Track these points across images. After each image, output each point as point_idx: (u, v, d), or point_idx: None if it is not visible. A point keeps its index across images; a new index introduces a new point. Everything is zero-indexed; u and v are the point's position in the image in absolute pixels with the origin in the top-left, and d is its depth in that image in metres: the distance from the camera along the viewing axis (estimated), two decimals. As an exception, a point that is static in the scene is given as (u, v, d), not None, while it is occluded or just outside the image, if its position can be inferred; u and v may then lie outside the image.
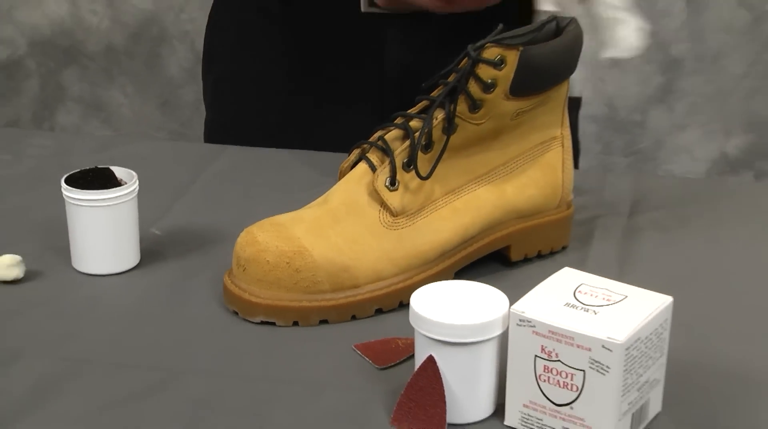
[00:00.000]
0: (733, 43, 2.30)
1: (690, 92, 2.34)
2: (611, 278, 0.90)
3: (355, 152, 1.09)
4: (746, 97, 2.33)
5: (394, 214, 1.04)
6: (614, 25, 1.29)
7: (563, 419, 0.83)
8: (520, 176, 1.12)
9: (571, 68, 1.11)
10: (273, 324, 1.02)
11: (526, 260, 1.15)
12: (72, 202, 1.10)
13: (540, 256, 1.16)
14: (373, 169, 1.05)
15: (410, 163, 1.05)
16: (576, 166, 1.26)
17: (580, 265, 0.98)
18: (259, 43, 1.32)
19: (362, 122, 1.31)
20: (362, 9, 1.34)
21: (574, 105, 1.35)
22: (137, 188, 1.11)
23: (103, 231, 1.11)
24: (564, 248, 1.18)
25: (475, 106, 1.04)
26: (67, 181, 1.10)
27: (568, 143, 1.16)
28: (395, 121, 1.08)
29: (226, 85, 1.61)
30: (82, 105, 2.52)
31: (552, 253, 1.17)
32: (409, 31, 1.42)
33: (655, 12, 2.29)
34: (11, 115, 2.54)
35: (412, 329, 0.87)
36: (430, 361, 0.87)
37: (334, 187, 1.08)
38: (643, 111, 2.36)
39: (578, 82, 1.92)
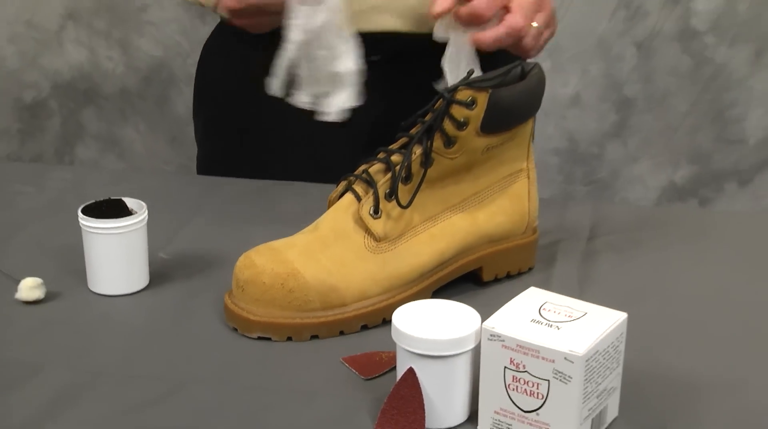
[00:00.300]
0: (678, 84, 2.30)
1: (641, 128, 2.34)
2: (572, 297, 0.89)
3: (343, 184, 1.08)
4: (690, 132, 2.33)
5: (377, 240, 1.04)
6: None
7: (530, 424, 0.82)
8: (490, 205, 1.11)
9: (535, 108, 1.11)
10: (269, 339, 1.01)
11: (497, 280, 1.14)
12: (88, 229, 1.09)
13: (509, 277, 1.15)
14: (359, 199, 1.05)
15: (392, 194, 1.04)
16: None
17: (545, 285, 0.97)
18: (241, 89, 1.32)
19: (334, 158, 1.34)
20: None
21: None
22: (146, 217, 1.11)
23: (115, 256, 1.10)
24: (530, 269, 1.17)
25: (449, 142, 1.04)
26: (83, 211, 1.09)
27: (533, 175, 1.15)
28: (378, 156, 1.07)
29: (213, 125, 1.61)
30: (99, 141, 2.52)
31: (519, 274, 1.16)
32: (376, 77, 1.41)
33: (611, 57, 2.29)
34: (36, 150, 2.53)
35: (394, 344, 0.87)
36: (410, 372, 0.86)
37: (324, 215, 1.07)
38: (600, 145, 2.37)
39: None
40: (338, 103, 1.24)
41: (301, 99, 1.24)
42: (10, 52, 2.46)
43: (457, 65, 1.28)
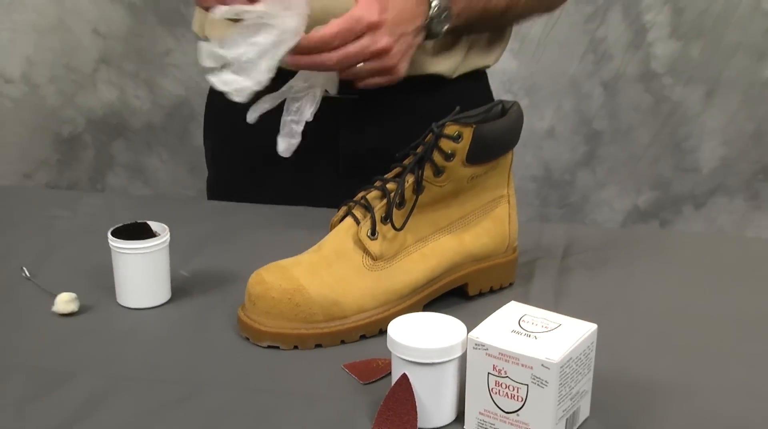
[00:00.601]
0: (640, 119, 2.30)
1: (608, 158, 2.34)
2: (548, 309, 0.89)
3: (343, 209, 1.09)
4: (651, 162, 2.33)
5: (374, 259, 1.04)
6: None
7: (512, 424, 0.82)
8: (475, 227, 1.11)
9: (514, 141, 1.10)
10: (277, 348, 1.01)
11: (481, 295, 1.14)
12: (117, 250, 1.09)
13: (492, 291, 1.15)
14: (357, 222, 1.05)
15: (387, 218, 1.04)
16: None
17: (523, 299, 0.97)
18: (240, 122, 1.31)
19: (321, 182, 1.36)
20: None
21: None
22: (168, 239, 1.10)
23: (141, 273, 1.10)
24: (511, 285, 1.17)
25: (438, 171, 1.04)
26: (113, 233, 1.09)
27: (513, 200, 1.15)
28: (375, 184, 1.07)
29: (219, 151, 1.61)
30: (127, 170, 2.51)
31: (501, 289, 1.16)
32: (357, 114, 1.42)
33: (581, 95, 2.29)
34: (72, 179, 2.53)
35: (389, 352, 0.87)
36: (404, 378, 0.86)
37: (326, 237, 1.07)
38: (572, 172, 2.37)
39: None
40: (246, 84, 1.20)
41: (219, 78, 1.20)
42: (51, 92, 2.46)
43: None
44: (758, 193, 2.33)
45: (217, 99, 1.57)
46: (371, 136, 1.37)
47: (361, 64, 1.21)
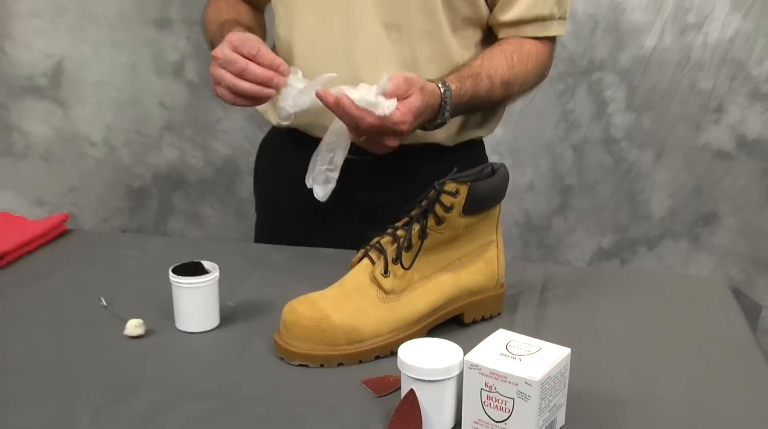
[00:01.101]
0: (603, 176, 2.30)
1: (577, 208, 2.34)
2: (530, 336, 0.89)
3: (362, 251, 1.08)
4: (612, 211, 2.33)
5: (386, 293, 1.04)
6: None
7: (500, 432, 0.82)
8: (469, 267, 1.10)
9: (501, 196, 1.10)
10: (306, 366, 1.01)
11: (474, 322, 1.13)
12: (176, 284, 1.09)
13: (483, 320, 1.14)
14: (373, 262, 1.05)
15: (397, 259, 1.04)
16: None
17: (510, 327, 0.97)
18: (283, 176, 1.31)
19: (346, 232, 1.33)
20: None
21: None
22: (218, 275, 1.10)
23: (195, 303, 1.10)
24: (499, 314, 1.16)
25: (439, 221, 1.04)
26: (173, 271, 1.09)
27: (501, 244, 1.14)
28: (387, 231, 1.07)
29: (265, 200, 1.59)
30: (185, 216, 2.52)
31: (491, 318, 1.15)
32: (371, 173, 1.41)
33: (555, 156, 2.30)
34: (140, 223, 2.54)
35: (399, 370, 0.87)
36: (412, 392, 0.86)
37: (347, 274, 1.07)
38: (548, 219, 2.36)
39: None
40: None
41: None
42: (125, 153, 2.47)
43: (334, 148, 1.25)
44: (698, 237, 2.32)
45: (262, 157, 1.58)
46: (382, 191, 1.37)
47: (363, 139, 1.20)
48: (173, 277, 1.09)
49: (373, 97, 1.14)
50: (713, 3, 2.14)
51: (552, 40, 1.42)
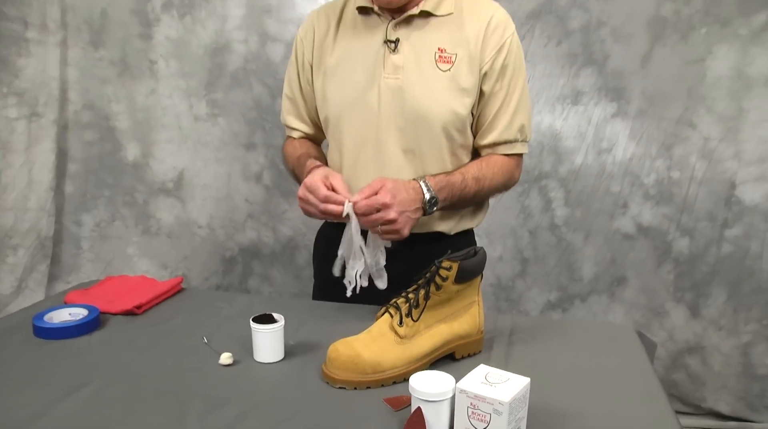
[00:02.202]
0: (549, 251, 2.30)
1: (532, 273, 2.33)
2: (501, 369, 0.87)
3: (384, 308, 1.07)
4: (555, 276, 2.31)
5: (401, 338, 1.03)
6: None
7: (479, 438, 0.79)
8: (459, 319, 1.09)
9: (481, 270, 1.09)
10: (344, 388, 1.00)
11: (463, 358, 1.11)
12: (255, 329, 1.09)
13: (469, 356, 1.12)
14: (392, 316, 1.05)
15: (409, 314, 1.03)
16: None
17: (487, 361, 0.96)
18: (333, 255, 1.29)
19: (376, 293, 1.28)
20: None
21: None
22: (283, 324, 1.10)
23: (267, 343, 1.09)
24: (480, 352, 1.14)
25: (438, 288, 1.03)
26: (253, 319, 1.09)
27: (481, 303, 1.13)
28: (402, 294, 1.06)
29: (321, 271, 1.54)
30: (260, 277, 2.52)
31: (474, 355, 1.13)
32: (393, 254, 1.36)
33: (517, 237, 2.29)
34: (229, 282, 2.54)
35: (410, 393, 0.87)
36: (419, 409, 0.86)
37: (374, 324, 1.06)
38: (512, 281, 2.35)
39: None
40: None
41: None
42: (221, 233, 2.49)
43: (350, 243, 1.21)
44: (614, 293, 2.29)
45: (319, 238, 1.53)
46: (400, 265, 1.35)
47: (380, 227, 1.18)
48: (253, 324, 1.09)
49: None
50: (617, 135, 2.16)
51: (519, 156, 1.39)
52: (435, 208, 1.24)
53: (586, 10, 2.10)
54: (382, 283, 1.23)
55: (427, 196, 1.22)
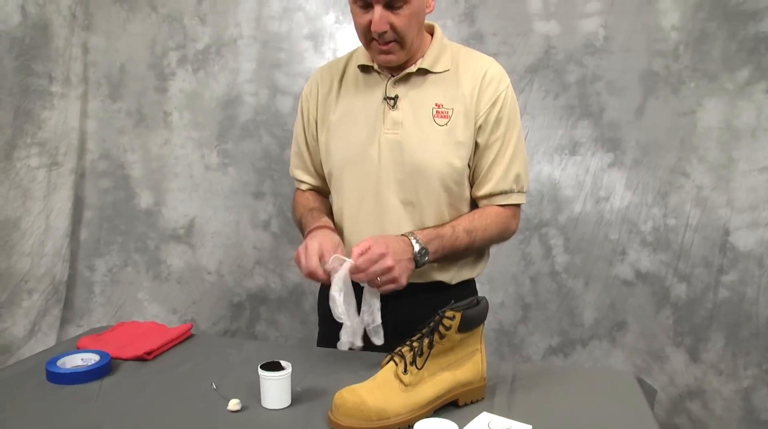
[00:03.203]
0: (551, 298, 2.29)
1: (534, 319, 2.31)
2: (503, 416, 0.87)
3: (389, 356, 1.07)
4: (557, 321, 2.30)
5: (406, 385, 1.03)
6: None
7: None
8: (462, 367, 1.09)
9: (483, 319, 1.10)
10: (350, 434, 0.98)
11: (466, 405, 1.10)
12: (262, 376, 1.09)
13: (472, 403, 1.11)
14: (396, 364, 1.04)
15: (413, 362, 1.03)
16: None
17: (490, 409, 0.96)
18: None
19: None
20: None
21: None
22: (290, 371, 1.10)
23: (274, 390, 1.09)
24: (482, 399, 1.13)
25: (442, 336, 1.04)
26: (260, 366, 1.09)
27: (483, 350, 1.12)
28: (406, 343, 1.07)
29: (326, 318, 1.50)
30: (267, 322, 2.51)
31: (477, 402, 1.12)
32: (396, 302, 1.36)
33: (518, 284, 2.29)
34: (237, 326, 2.54)
35: None
36: None
37: (379, 372, 1.06)
38: (515, 326, 2.33)
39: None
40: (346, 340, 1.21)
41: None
42: (229, 279, 2.49)
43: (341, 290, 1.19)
44: (614, 338, 2.27)
45: (326, 290, 1.51)
46: (405, 314, 1.33)
47: (378, 278, 1.18)
48: (261, 372, 1.09)
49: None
50: (614, 184, 2.18)
51: (517, 206, 1.37)
52: (426, 260, 1.24)
53: (581, 65, 2.16)
54: (378, 340, 1.22)
55: (417, 247, 1.22)
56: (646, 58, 2.11)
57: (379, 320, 1.21)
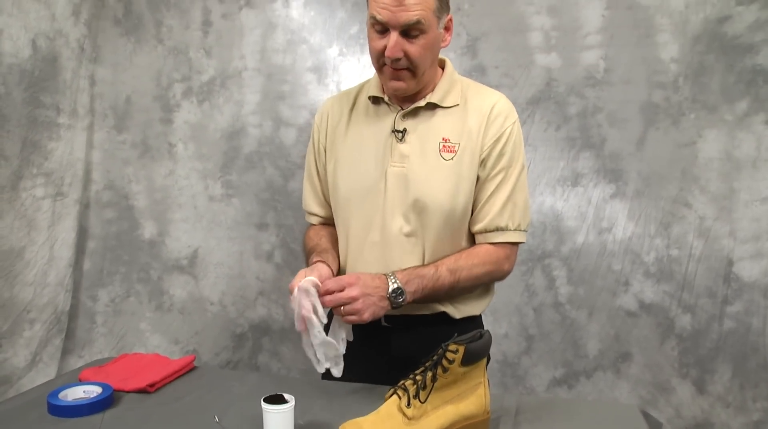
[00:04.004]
0: (554, 329, 2.28)
1: (538, 349, 2.30)
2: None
3: (392, 390, 1.07)
4: (561, 351, 2.28)
5: (409, 419, 1.03)
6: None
7: None
8: (465, 400, 1.09)
9: (486, 352, 1.10)
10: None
11: (468, 438, 1.10)
12: (266, 409, 1.08)
13: (474, 436, 1.11)
14: (400, 397, 1.04)
15: (416, 395, 1.03)
16: None
17: None
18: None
19: (383, 373, 1.26)
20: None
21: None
22: (294, 404, 1.09)
23: (278, 423, 1.09)
24: (485, 432, 1.13)
25: (445, 370, 1.04)
26: (263, 399, 1.09)
27: (486, 384, 1.12)
28: (410, 376, 1.06)
29: None
30: (270, 353, 2.50)
31: (479, 435, 1.11)
32: (402, 334, 1.37)
33: (521, 314, 2.28)
34: (239, 357, 2.52)
35: None
36: None
37: (382, 405, 1.06)
38: (518, 357, 2.31)
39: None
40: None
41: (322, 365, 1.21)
42: (232, 309, 2.49)
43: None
44: (619, 369, 2.26)
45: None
46: (408, 347, 1.32)
47: (342, 308, 1.18)
48: (264, 405, 1.09)
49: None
50: (617, 215, 2.19)
51: (513, 245, 1.35)
52: (402, 300, 1.23)
53: (582, 96, 2.18)
54: (337, 372, 1.21)
55: (392, 286, 1.22)
56: (646, 90, 2.14)
57: (342, 351, 1.20)
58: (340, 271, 1.34)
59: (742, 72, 2.06)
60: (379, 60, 1.26)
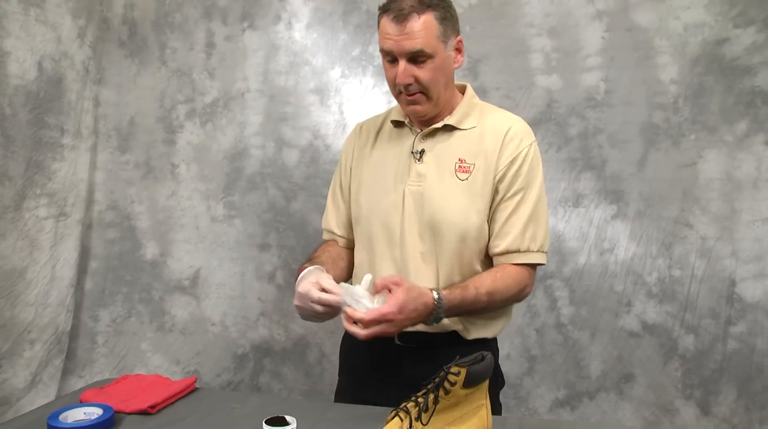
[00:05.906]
0: (556, 349, 2.27)
1: (540, 371, 2.29)
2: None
3: (393, 411, 1.07)
4: (563, 373, 2.27)
5: (411, 441, 1.01)
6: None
7: None
8: (467, 422, 1.08)
9: (488, 375, 1.09)
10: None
11: (471, 461, 1.09)
12: (268, 432, 1.07)
13: (477, 459, 1.10)
14: (401, 420, 1.04)
15: (418, 418, 1.03)
16: None
17: None
18: (359, 357, 1.28)
19: (393, 393, 1.25)
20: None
21: None
22: (296, 426, 1.10)
23: (282, 445, 1.08)
24: (489, 455, 1.12)
25: (447, 392, 1.04)
26: (265, 422, 1.09)
27: (488, 406, 1.12)
28: (411, 398, 1.06)
29: (345, 369, 1.52)
30: (271, 374, 2.48)
31: (483, 458, 1.11)
32: (414, 354, 1.37)
33: (524, 336, 2.27)
34: (240, 378, 2.50)
35: None
36: None
37: (384, 427, 1.05)
38: (520, 378, 2.30)
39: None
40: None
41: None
42: (233, 330, 2.48)
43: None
44: (622, 390, 2.25)
45: (347, 342, 1.50)
46: (421, 366, 1.32)
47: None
48: (265, 427, 1.09)
49: (361, 292, 1.16)
50: (618, 235, 2.19)
51: (532, 266, 1.36)
52: (435, 324, 1.26)
53: (583, 118, 2.20)
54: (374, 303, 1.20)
55: (434, 315, 1.24)
56: (646, 111, 2.15)
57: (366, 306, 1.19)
58: None
59: (741, 93, 2.08)
60: (395, 87, 1.32)
